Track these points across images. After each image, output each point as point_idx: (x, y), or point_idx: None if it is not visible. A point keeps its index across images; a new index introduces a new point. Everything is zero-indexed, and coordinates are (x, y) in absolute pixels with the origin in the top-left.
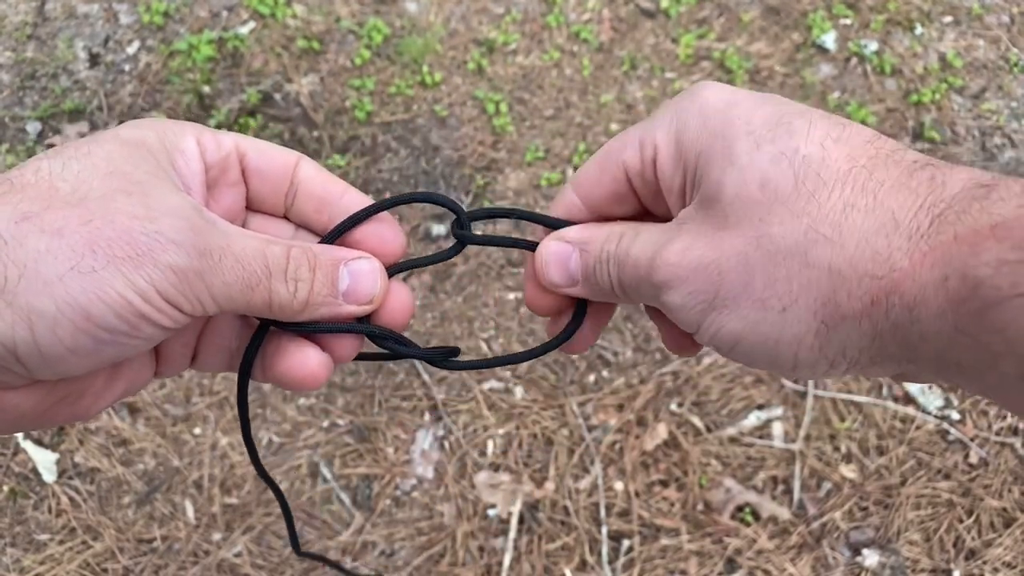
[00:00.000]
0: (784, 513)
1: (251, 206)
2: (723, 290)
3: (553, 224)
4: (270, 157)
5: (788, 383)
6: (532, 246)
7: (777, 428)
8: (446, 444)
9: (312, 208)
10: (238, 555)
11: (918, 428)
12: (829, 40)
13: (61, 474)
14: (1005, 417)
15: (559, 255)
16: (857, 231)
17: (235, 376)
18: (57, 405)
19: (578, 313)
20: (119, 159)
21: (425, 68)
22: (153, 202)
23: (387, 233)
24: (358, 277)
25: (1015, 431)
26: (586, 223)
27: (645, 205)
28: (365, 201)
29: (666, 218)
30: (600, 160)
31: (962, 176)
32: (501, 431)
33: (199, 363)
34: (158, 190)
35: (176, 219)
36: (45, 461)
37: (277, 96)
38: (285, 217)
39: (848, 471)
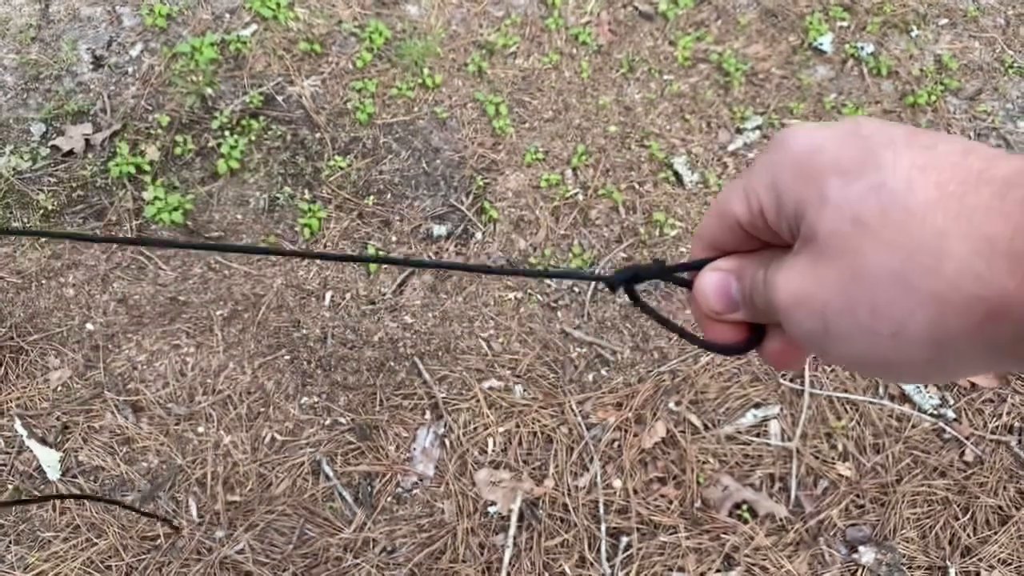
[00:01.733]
0: (781, 510)
1: None
2: (832, 325)
3: (698, 267)
4: None
5: (785, 382)
6: (688, 284)
7: (774, 426)
8: (447, 442)
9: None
10: (241, 552)
11: (914, 426)
12: (826, 42)
13: (65, 472)
14: (1000, 416)
15: (719, 283)
16: (955, 257)
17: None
18: None
19: (756, 328)
20: None
21: (426, 70)
22: None
23: None
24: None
25: (1010, 429)
26: (733, 255)
27: (768, 243)
28: None
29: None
30: (714, 215)
31: None
32: (501, 429)
33: None
34: None
35: None
36: (49, 459)
37: (279, 98)
38: None
39: (844, 469)
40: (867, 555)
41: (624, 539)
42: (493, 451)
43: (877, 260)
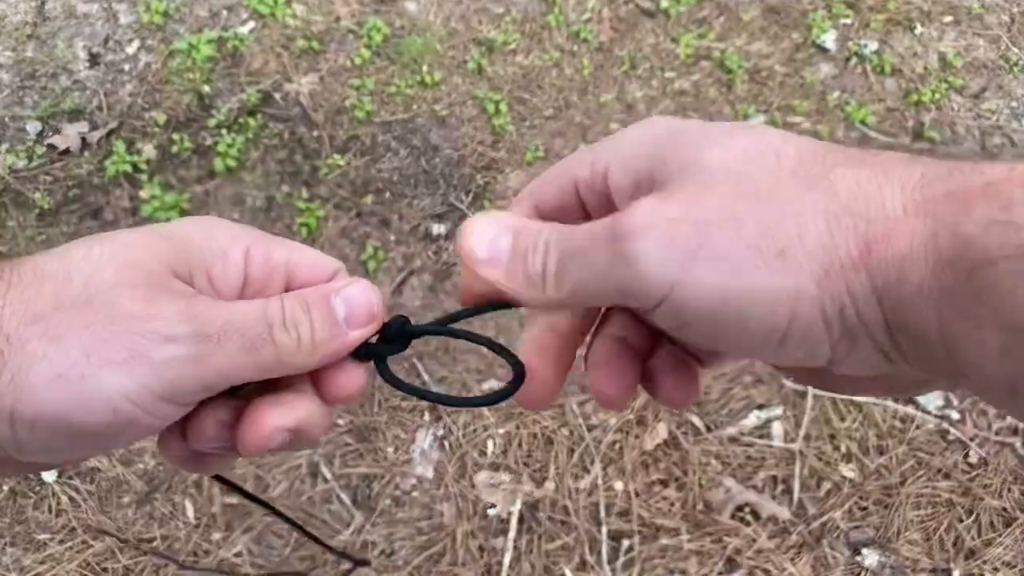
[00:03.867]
0: (784, 513)
1: None
2: (710, 239)
3: (458, 317)
4: (315, 273)
5: (788, 382)
6: (462, 335)
7: (777, 428)
8: (446, 444)
9: None
10: (238, 555)
11: (918, 428)
12: (829, 40)
13: (61, 474)
14: (1005, 417)
15: (489, 228)
16: (849, 180)
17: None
18: (35, 466)
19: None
20: (141, 248)
21: (425, 68)
22: (154, 295)
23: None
24: (352, 300)
25: (1015, 431)
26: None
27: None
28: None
29: None
30: (554, 171)
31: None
32: (501, 431)
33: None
34: (165, 282)
35: (175, 310)
36: None
37: (277, 96)
38: None
39: (848, 471)
40: (870, 557)
41: (625, 542)
42: (493, 453)
43: (769, 181)
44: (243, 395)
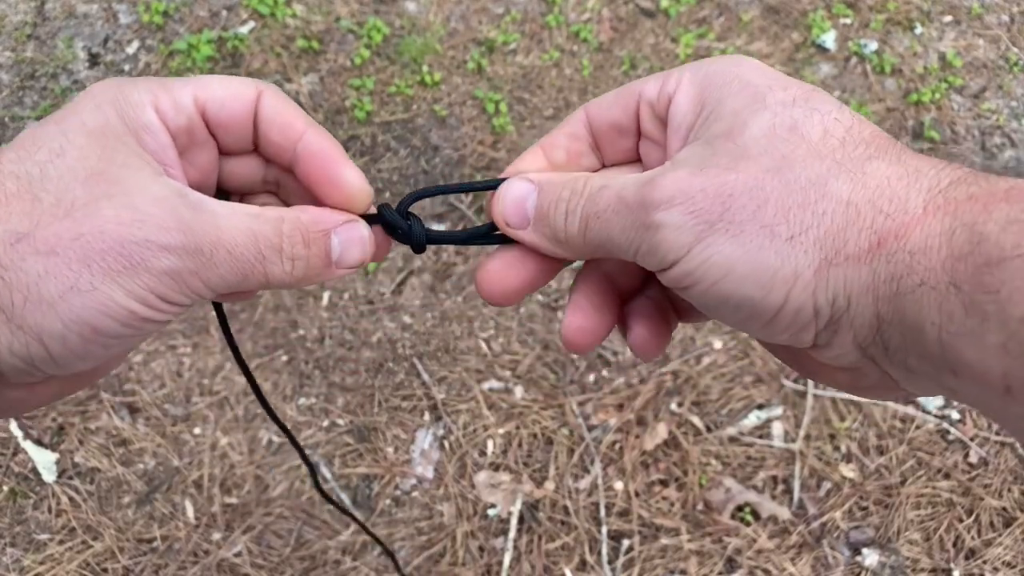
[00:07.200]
0: (784, 513)
1: (223, 152)
2: (730, 213)
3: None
4: (231, 106)
5: (788, 382)
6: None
7: (777, 428)
8: (446, 444)
9: (273, 150)
10: (238, 555)
11: (918, 427)
12: (829, 40)
13: (61, 474)
14: None
15: (519, 193)
16: (880, 175)
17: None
18: (75, 384)
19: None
20: (93, 157)
21: (425, 68)
22: (137, 200)
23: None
24: (348, 246)
25: None
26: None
27: (638, 148)
28: (324, 141)
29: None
30: (625, 89)
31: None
32: (501, 431)
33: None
34: (139, 183)
35: (163, 217)
36: (45, 461)
37: None
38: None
39: (848, 471)
40: (870, 557)
41: (625, 542)
42: (493, 453)
43: (804, 163)
44: None
